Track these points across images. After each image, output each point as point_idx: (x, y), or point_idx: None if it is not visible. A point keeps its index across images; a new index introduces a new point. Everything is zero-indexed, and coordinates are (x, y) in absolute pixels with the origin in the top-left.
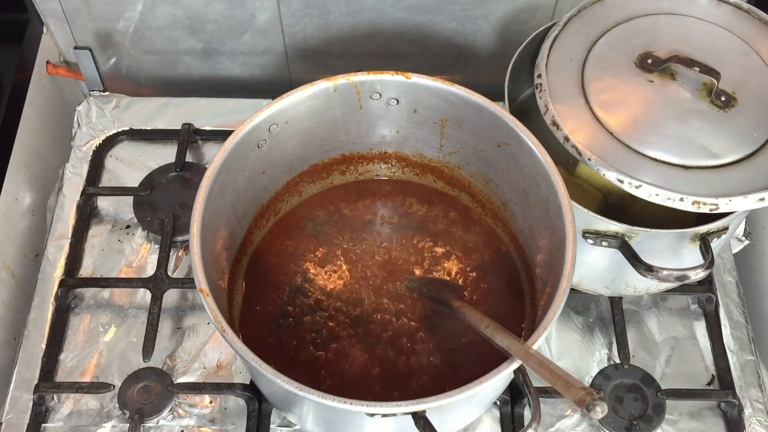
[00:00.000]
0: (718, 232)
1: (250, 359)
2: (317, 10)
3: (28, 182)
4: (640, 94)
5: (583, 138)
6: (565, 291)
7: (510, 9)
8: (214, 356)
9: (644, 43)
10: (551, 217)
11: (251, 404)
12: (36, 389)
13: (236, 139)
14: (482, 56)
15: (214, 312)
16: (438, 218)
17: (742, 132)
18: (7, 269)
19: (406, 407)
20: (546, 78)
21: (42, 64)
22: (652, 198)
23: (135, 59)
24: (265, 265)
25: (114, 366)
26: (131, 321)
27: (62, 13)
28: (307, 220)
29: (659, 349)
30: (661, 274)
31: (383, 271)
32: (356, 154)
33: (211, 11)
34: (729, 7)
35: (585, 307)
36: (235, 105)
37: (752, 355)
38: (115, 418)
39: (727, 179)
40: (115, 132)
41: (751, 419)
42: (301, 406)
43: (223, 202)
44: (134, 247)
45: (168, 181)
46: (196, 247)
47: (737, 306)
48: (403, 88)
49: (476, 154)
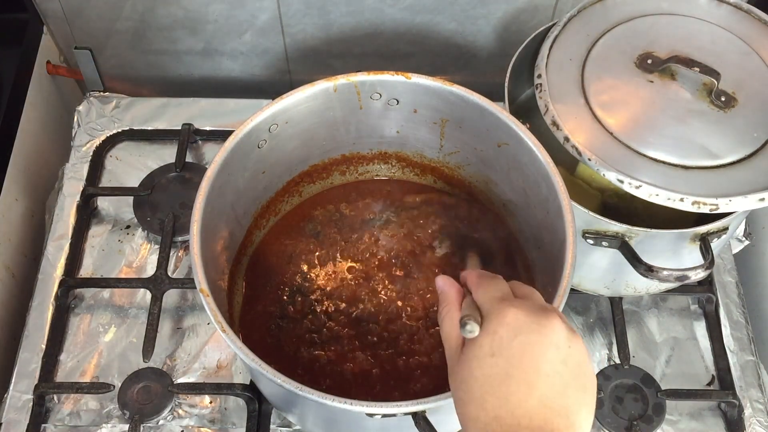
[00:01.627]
0: (718, 232)
1: (250, 359)
2: (317, 10)
3: (28, 182)
4: (640, 94)
5: (583, 138)
6: (565, 291)
7: (510, 9)
8: (214, 356)
9: (644, 44)
10: (551, 217)
11: (251, 404)
12: (36, 389)
13: (236, 139)
14: (482, 56)
15: (214, 312)
16: (437, 218)
17: (742, 132)
18: (7, 269)
19: (406, 407)
20: (546, 78)
21: (42, 64)
22: (652, 198)
23: (135, 59)
24: (265, 265)
25: (114, 366)
26: (131, 321)
27: (62, 13)
28: (307, 221)
29: (659, 350)
30: (661, 274)
31: (383, 272)
32: (356, 155)
33: (211, 11)
34: (729, 7)
35: (585, 308)
36: (235, 105)
37: (752, 355)
38: (115, 419)
39: (727, 179)
40: (115, 132)
41: (751, 419)
42: (301, 406)
43: (223, 202)
44: (134, 248)
45: (168, 181)
46: (196, 247)
47: (737, 306)
48: (403, 88)
49: (476, 154)
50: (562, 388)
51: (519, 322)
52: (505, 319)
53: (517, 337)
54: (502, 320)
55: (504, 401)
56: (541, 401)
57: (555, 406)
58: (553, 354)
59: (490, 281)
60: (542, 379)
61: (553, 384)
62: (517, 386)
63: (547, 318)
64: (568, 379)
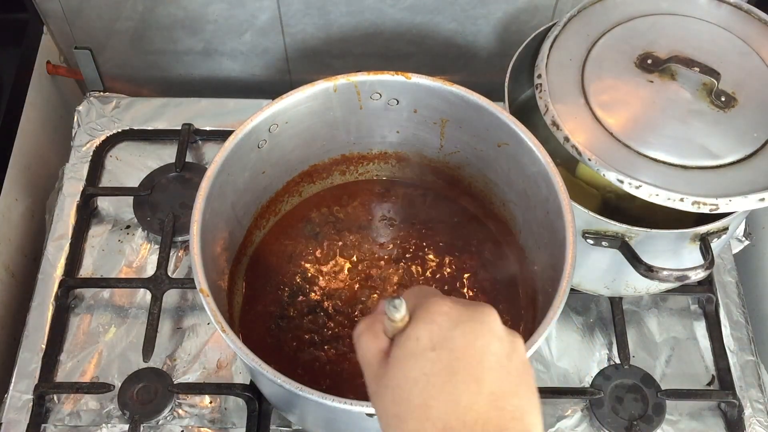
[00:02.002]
0: (718, 232)
1: (250, 359)
2: (317, 10)
3: (28, 182)
4: (640, 94)
5: (583, 138)
6: (565, 291)
7: (510, 9)
8: (214, 356)
9: (644, 44)
10: (551, 218)
11: (251, 404)
12: (36, 389)
13: (236, 140)
14: (482, 56)
15: (214, 312)
16: (437, 218)
17: (742, 132)
18: (7, 269)
19: None
20: (546, 78)
21: (42, 64)
22: (652, 198)
23: (135, 59)
24: (265, 266)
25: (114, 366)
26: (131, 321)
27: (62, 13)
28: (307, 221)
29: (659, 350)
30: (661, 274)
31: (383, 271)
32: (356, 155)
33: (211, 11)
34: (729, 7)
35: (585, 308)
36: (235, 105)
37: (752, 355)
38: (115, 419)
39: (727, 179)
40: (115, 132)
41: (751, 419)
42: (301, 406)
43: (223, 202)
44: (134, 248)
45: (168, 181)
46: (196, 247)
47: (737, 306)
48: (403, 88)
49: (476, 154)
50: (514, 386)
51: (457, 311)
52: (441, 308)
53: (458, 327)
54: (438, 309)
55: (453, 405)
56: (492, 401)
57: (509, 407)
58: (496, 346)
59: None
60: (489, 373)
61: (501, 380)
62: (464, 384)
63: (485, 308)
64: (516, 375)
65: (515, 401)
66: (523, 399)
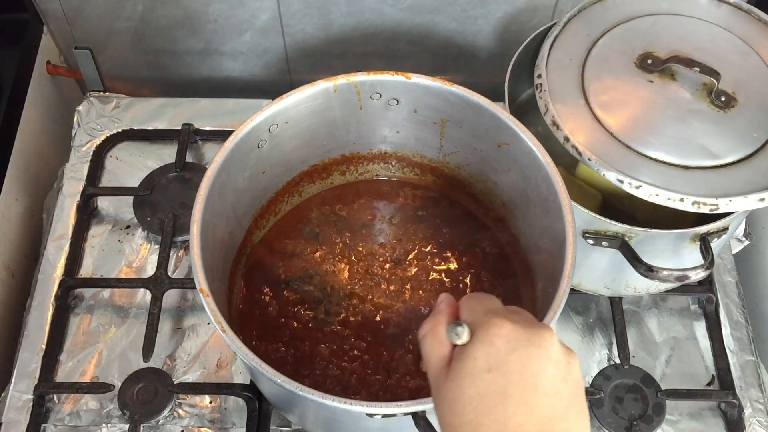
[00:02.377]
0: (718, 232)
1: (250, 359)
2: (317, 10)
3: (28, 182)
4: (640, 94)
5: (583, 138)
6: (565, 291)
7: (510, 9)
8: (214, 356)
9: (644, 44)
10: (551, 217)
11: (251, 404)
12: (36, 389)
13: (236, 140)
14: (482, 56)
15: (214, 312)
16: (438, 218)
17: (742, 132)
18: (7, 269)
19: (407, 407)
20: (546, 78)
21: (42, 64)
22: (652, 198)
23: (135, 59)
24: (265, 266)
25: (114, 366)
26: (131, 321)
27: (62, 13)
28: (307, 221)
29: (659, 350)
30: (661, 274)
31: (383, 271)
32: (356, 155)
33: (211, 11)
34: (729, 7)
35: (585, 308)
36: (235, 105)
37: (752, 355)
38: (115, 419)
39: (727, 179)
40: (115, 132)
41: (751, 419)
42: (301, 406)
43: (223, 202)
44: (134, 248)
45: (168, 181)
46: (196, 247)
47: (737, 306)
48: (403, 88)
49: (476, 154)
50: (563, 410)
51: (516, 334)
52: (501, 330)
53: (516, 351)
54: (498, 332)
55: (501, 426)
56: (541, 425)
57: (556, 430)
58: (552, 370)
59: (482, 296)
60: (541, 398)
61: (554, 404)
62: (515, 407)
63: (544, 332)
64: (568, 399)
65: (563, 425)
66: (571, 422)
